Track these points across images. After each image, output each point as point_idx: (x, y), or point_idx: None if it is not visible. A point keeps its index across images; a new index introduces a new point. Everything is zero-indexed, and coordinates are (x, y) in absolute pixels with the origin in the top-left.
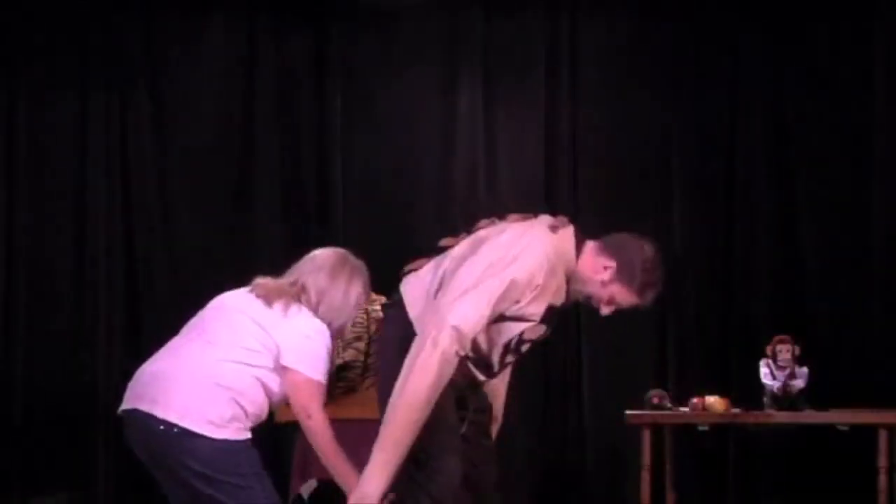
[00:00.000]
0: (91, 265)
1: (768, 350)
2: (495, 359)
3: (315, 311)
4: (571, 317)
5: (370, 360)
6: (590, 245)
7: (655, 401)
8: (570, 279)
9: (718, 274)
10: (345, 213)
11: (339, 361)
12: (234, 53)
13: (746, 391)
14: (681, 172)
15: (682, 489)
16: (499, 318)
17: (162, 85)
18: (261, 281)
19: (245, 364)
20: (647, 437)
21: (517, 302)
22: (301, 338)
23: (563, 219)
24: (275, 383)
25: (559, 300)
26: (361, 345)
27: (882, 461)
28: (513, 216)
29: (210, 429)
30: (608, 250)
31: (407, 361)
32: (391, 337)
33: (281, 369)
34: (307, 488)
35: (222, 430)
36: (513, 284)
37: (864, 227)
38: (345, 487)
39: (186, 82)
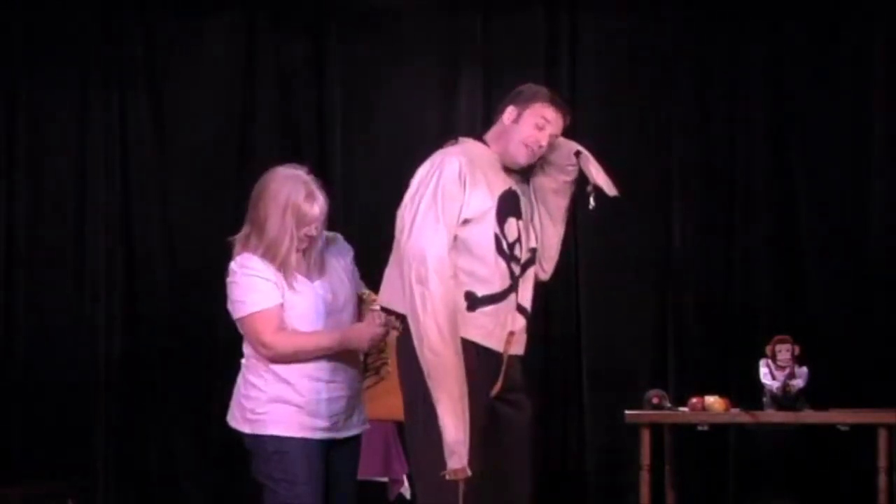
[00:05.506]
0: (91, 265)
1: (768, 350)
2: (497, 276)
3: (257, 250)
4: (572, 316)
5: (370, 360)
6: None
7: (655, 401)
8: (501, 158)
9: (718, 274)
10: (345, 213)
11: None
12: (234, 54)
13: (746, 391)
14: (681, 172)
15: (682, 489)
16: (463, 226)
17: (162, 85)
18: None
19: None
20: (646, 437)
21: (460, 201)
22: (228, 289)
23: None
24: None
25: (502, 185)
26: None
27: (882, 461)
28: None
29: (240, 423)
30: (500, 109)
31: (408, 314)
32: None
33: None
34: None
35: (244, 424)
36: (444, 189)
37: (864, 226)
38: (335, 345)
39: (186, 82)
